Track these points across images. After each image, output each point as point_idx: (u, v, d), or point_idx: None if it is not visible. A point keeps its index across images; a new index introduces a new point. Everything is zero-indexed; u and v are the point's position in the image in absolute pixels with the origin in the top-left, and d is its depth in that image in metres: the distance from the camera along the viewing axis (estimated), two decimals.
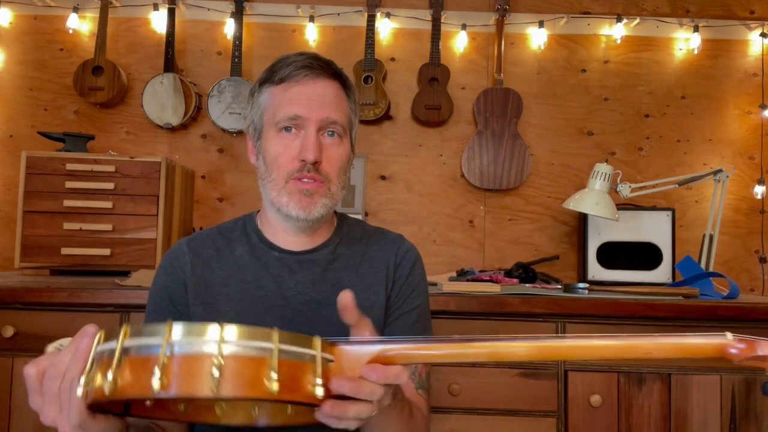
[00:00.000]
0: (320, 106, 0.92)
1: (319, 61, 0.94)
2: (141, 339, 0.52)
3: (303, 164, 0.90)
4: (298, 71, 0.93)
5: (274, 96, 0.94)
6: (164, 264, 1.01)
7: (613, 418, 1.57)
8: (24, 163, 1.84)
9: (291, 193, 0.92)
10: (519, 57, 2.41)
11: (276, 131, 0.93)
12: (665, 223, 2.08)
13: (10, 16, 2.37)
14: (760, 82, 2.38)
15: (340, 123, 0.93)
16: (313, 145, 0.90)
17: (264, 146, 0.95)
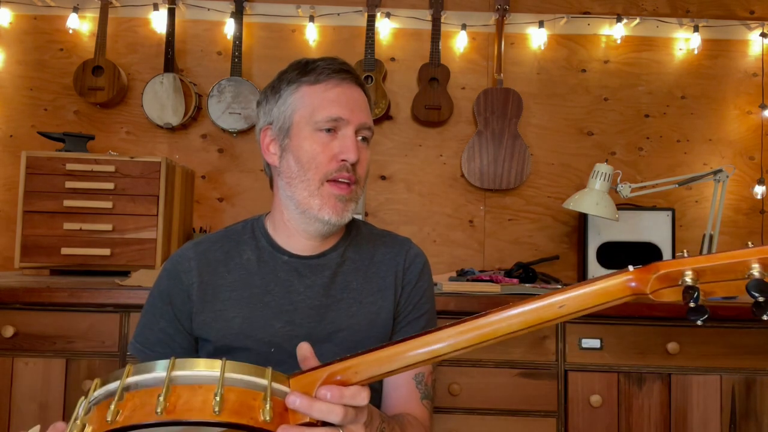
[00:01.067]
0: (359, 110, 0.94)
1: (349, 67, 0.97)
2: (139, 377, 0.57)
3: (342, 164, 0.91)
4: (336, 74, 0.93)
5: (312, 95, 0.93)
6: (168, 268, 1.00)
7: (613, 418, 1.57)
8: (24, 163, 1.84)
9: (325, 197, 0.91)
10: (519, 57, 2.41)
11: (312, 131, 0.92)
12: (665, 223, 2.08)
13: (10, 16, 2.37)
14: (760, 82, 2.38)
15: (371, 129, 0.97)
16: (356, 145, 0.92)
17: (297, 145, 0.92)
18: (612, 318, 1.57)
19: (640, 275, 0.58)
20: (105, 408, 0.55)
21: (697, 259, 0.56)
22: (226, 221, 2.36)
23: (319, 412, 0.61)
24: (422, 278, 1.04)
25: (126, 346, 1.56)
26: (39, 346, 1.55)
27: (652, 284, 0.58)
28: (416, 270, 1.04)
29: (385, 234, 1.09)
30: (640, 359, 1.58)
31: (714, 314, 1.54)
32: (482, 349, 1.57)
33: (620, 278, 0.59)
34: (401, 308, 1.02)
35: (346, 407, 0.62)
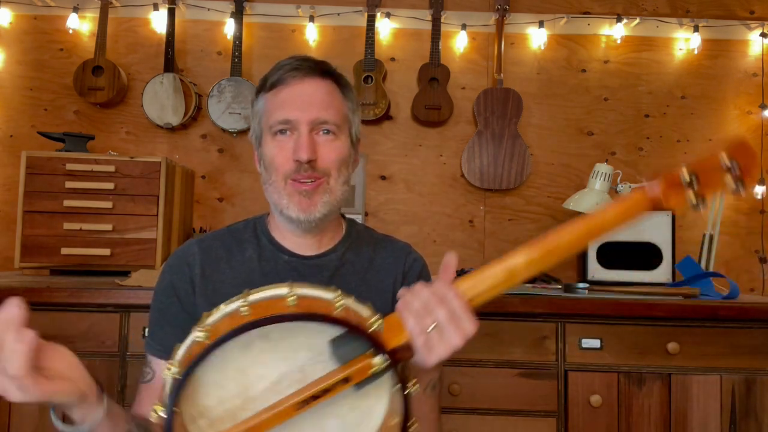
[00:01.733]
0: (309, 107, 0.92)
1: (309, 62, 0.95)
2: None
3: (298, 164, 0.91)
4: (287, 74, 0.94)
5: (267, 102, 0.96)
6: (171, 262, 1.01)
7: (613, 418, 1.57)
8: (24, 163, 1.84)
9: (290, 195, 0.92)
10: (519, 57, 2.41)
11: (271, 136, 0.94)
12: (665, 224, 2.08)
13: (10, 16, 2.37)
14: (760, 82, 2.38)
15: (332, 122, 0.93)
16: (306, 144, 0.91)
17: (263, 152, 0.96)
18: (612, 318, 1.57)
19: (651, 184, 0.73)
20: (236, 315, 0.65)
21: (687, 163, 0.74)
22: (226, 221, 2.36)
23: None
24: (420, 281, 1.04)
25: (126, 346, 1.56)
26: None
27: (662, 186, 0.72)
28: (414, 273, 1.05)
29: (386, 239, 1.09)
30: (640, 359, 1.58)
31: (714, 314, 1.55)
32: (482, 349, 1.57)
33: (638, 191, 0.74)
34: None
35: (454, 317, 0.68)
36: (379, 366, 0.65)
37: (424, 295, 0.70)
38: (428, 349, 0.68)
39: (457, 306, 0.68)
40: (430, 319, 0.68)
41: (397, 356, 0.67)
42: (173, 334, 0.96)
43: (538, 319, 1.58)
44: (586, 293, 1.67)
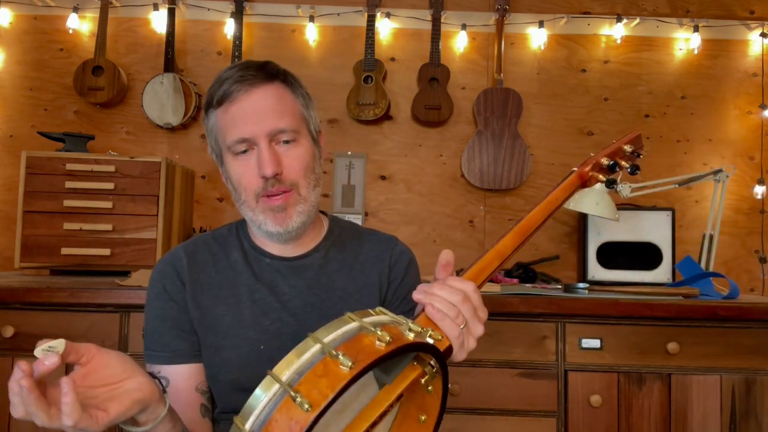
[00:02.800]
0: (264, 119, 0.89)
1: (250, 70, 0.91)
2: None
3: (265, 180, 0.89)
4: (231, 88, 0.90)
5: (219, 119, 0.92)
6: (160, 269, 1.00)
7: (613, 418, 1.57)
8: (24, 163, 1.84)
9: (264, 212, 0.92)
10: (519, 57, 2.41)
11: (233, 156, 0.92)
12: (665, 223, 2.08)
13: (10, 16, 2.37)
14: (760, 82, 2.38)
15: (289, 129, 0.91)
16: (268, 159, 0.88)
17: (227, 171, 0.95)
18: (612, 318, 1.57)
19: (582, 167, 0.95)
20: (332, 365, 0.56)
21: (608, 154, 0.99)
22: (226, 221, 2.34)
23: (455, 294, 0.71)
24: (409, 274, 1.05)
25: (126, 346, 1.56)
26: None
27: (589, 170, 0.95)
28: (402, 266, 1.05)
29: (371, 232, 1.09)
30: (640, 359, 1.58)
31: (714, 314, 1.55)
32: (482, 349, 1.57)
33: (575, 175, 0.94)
34: (388, 304, 1.02)
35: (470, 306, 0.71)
36: (431, 374, 0.64)
37: (446, 295, 0.71)
38: (462, 347, 0.71)
39: (476, 300, 0.72)
40: (461, 318, 0.70)
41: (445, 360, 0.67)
42: (179, 336, 0.96)
43: (538, 319, 1.58)
44: (586, 293, 1.67)
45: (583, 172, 0.94)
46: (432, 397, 0.67)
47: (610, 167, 0.95)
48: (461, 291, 0.71)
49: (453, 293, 0.71)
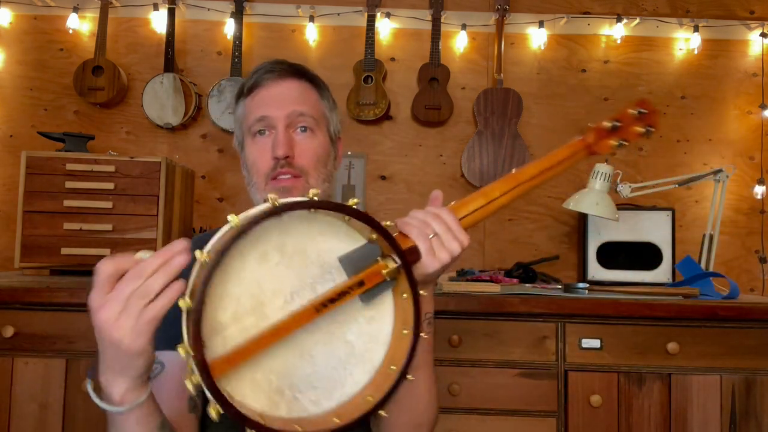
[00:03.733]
0: (285, 103, 0.94)
1: (283, 65, 0.98)
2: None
3: (276, 161, 0.93)
4: (262, 77, 0.97)
5: (246, 106, 0.99)
6: None
7: (613, 418, 1.57)
8: (24, 163, 1.84)
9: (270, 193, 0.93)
10: (519, 57, 2.41)
11: (252, 138, 0.97)
12: (665, 223, 2.08)
13: (10, 16, 2.37)
14: (760, 82, 2.38)
15: (308, 114, 0.95)
16: (282, 141, 0.92)
17: (245, 155, 0.99)
18: (612, 318, 1.57)
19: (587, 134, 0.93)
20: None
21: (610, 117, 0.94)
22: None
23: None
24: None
25: None
26: (39, 346, 1.55)
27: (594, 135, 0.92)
28: None
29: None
30: (640, 359, 1.58)
31: (714, 314, 1.55)
32: (482, 349, 1.57)
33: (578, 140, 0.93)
34: None
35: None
36: (392, 267, 0.69)
37: (420, 214, 0.78)
38: (432, 252, 0.75)
39: (450, 220, 0.78)
40: (430, 228, 0.76)
41: (407, 259, 0.71)
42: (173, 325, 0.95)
43: (538, 319, 1.58)
44: (586, 293, 1.67)
45: (587, 140, 0.93)
46: (407, 303, 0.71)
47: (613, 127, 0.93)
48: (431, 212, 0.78)
49: (423, 212, 0.78)
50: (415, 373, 0.82)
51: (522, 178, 0.86)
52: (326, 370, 0.69)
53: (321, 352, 0.69)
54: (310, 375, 0.68)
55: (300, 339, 0.67)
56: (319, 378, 0.68)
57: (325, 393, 0.68)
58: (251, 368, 0.65)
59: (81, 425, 1.54)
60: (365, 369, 0.70)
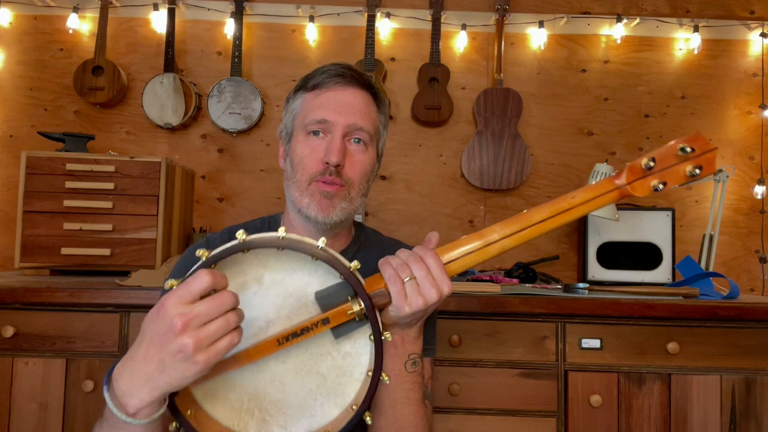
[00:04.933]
0: (348, 112, 0.94)
1: (352, 71, 0.97)
2: None
3: (326, 167, 0.93)
4: (330, 78, 0.96)
5: (306, 101, 0.98)
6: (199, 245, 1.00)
7: (613, 418, 1.57)
8: (24, 163, 1.84)
9: (312, 195, 0.94)
10: (519, 57, 2.41)
11: (305, 134, 0.96)
12: (665, 223, 2.08)
13: (10, 16, 2.37)
14: (760, 82, 2.38)
15: (366, 130, 0.96)
16: (338, 148, 0.92)
17: (292, 148, 0.98)
18: (612, 318, 1.57)
19: (618, 174, 0.79)
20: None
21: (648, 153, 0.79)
22: (226, 221, 2.36)
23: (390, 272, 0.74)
24: None
25: (126, 346, 1.56)
26: (39, 346, 1.55)
27: (626, 176, 0.78)
28: None
29: (393, 243, 1.10)
30: (640, 359, 1.58)
31: (714, 314, 1.55)
32: (482, 349, 1.57)
33: (607, 179, 0.80)
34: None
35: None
36: (357, 309, 0.71)
37: (404, 255, 0.76)
38: (403, 297, 0.74)
39: (433, 264, 0.75)
40: (408, 271, 0.74)
41: (374, 301, 0.72)
42: None
43: (538, 319, 1.58)
44: (586, 293, 1.67)
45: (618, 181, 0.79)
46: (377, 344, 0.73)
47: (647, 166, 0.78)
48: (416, 253, 0.76)
49: (407, 254, 0.76)
50: (392, 412, 0.84)
51: (530, 220, 0.78)
52: (296, 398, 0.73)
53: (291, 380, 0.73)
54: (280, 401, 0.72)
55: (271, 366, 0.72)
56: (288, 405, 0.72)
57: (293, 419, 0.73)
58: (227, 387, 0.71)
59: (81, 425, 1.54)
60: (336, 402, 0.74)
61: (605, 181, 0.79)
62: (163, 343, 0.62)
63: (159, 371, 0.63)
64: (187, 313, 0.62)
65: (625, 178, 0.78)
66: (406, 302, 0.73)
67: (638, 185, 0.78)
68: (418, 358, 0.85)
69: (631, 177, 0.78)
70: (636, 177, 0.78)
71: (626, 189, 0.79)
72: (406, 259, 0.75)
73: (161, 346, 0.62)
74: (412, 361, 0.84)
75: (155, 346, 0.63)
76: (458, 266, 0.78)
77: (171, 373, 0.63)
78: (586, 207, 0.79)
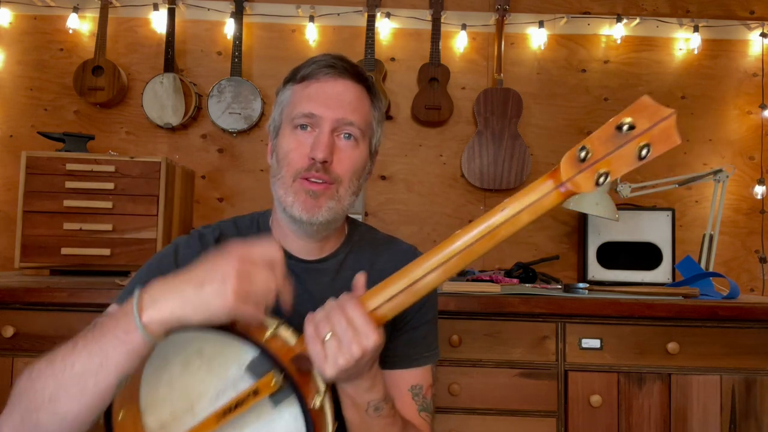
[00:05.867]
0: (337, 106, 0.89)
1: (344, 62, 0.93)
2: None
3: (312, 162, 0.87)
4: (320, 69, 0.91)
5: (295, 93, 0.93)
6: (184, 240, 0.97)
7: (613, 418, 1.57)
8: (24, 163, 1.84)
9: (296, 193, 0.89)
10: (519, 57, 2.41)
11: (291, 128, 0.91)
12: (665, 223, 2.08)
13: (10, 16, 2.37)
14: (760, 82, 2.38)
15: (356, 125, 0.91)
16: (325, 143, 0.87)
17: (278, 143, 0.93)
18: (612, 318, 1.57)
19: (555, 171, 0.65)
20: None
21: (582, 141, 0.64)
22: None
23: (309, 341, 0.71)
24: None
25: None
26: (39, 346, 1.54)
27: (564, 172, 0.64)
28: None
29: (390, 241, 1.06)
30: (640, 359, 1.58)
31: (714, 314, 1.55)
32: (482, 349, 1.57)
33: (541, 180, 0.66)
34: (399, 316, 1.01)
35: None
36: (278, 378, 0.69)
37: (329, 306, 0.72)
38: (323, 358, 0.69)
39: (356, 315, 0.69)
40: (327, 327, 0.69)
41: (298, 366, 0.70)
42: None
43: (538, 319, 1.58)
44: (586, 293, 1.67)
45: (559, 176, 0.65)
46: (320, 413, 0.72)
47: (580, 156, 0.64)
48: (338, 303, 0.71)
49: (332, 306, 0.72)
50: None
51: (457, 247, 0.69)
52: None
53: None
54: None
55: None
56: None
57: None
58: None
59: None
60: None
61: (539, 182, 0.66)
62: (212, 268, 0.67)
63: (195, 290, 0.66)
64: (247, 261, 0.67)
65: (563, 174, 0.64)
66: (326, 363, 0.69)
67: (581, 180, 0.63)
68: (380, 403, 0.80)
69: (569, 172, 0.64)
70: (575, 171, 0.63)
71: (568, 187, 0.64)
72: (328, 313, 0.71)
73: (209, 270, 0.67)
74: (373, 407, 0.80)
75: (203, 270, 0.68)
76: (385, 311, 0.72)
77: (202, 295, 0.66)
78: (524, 216, 0.66)
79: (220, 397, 0.73)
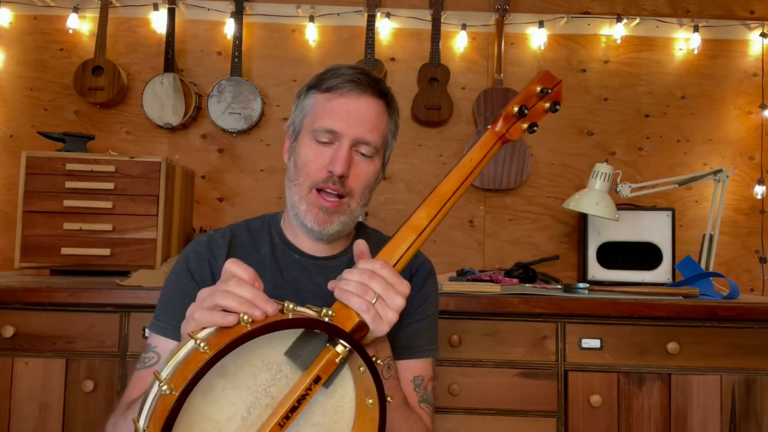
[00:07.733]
0: (358, 124, 0.93)
1: (368, 78, 0.96)
2: None
3: (330, 175, 0.92)
4: (345, 84, 0.94)
5: (318, 103, 0.96)
6: (196, 249, 1.00)
7: (613, 418, 1.57)
8: (24, 163, 1.84)
9: (310, 205, 0.94)
10: (519, 57, 2.41)
11: (311, 138, 0.95)
12: (665, 223, 2.08)
13: (10, 16, 2.37)
14: (760, 82, 2.38)
15: (373, 144, 0.95)
16: (344, 159, 0.91)
17: (297, 149, 0.97)
18: (612, 318, 1.57)
19: (495, 123, 0.89)
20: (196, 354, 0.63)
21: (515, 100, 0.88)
22: (226, 221, 2.36)
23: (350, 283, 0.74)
24: (427, 284, 1.06)
25: (126, 346, 1.56)
26: (39, 346, 1.55)
27: (502, 124, 0.88)
28: (422, 276, 1.06)
29: None
30: (640, 359, 1.58)
31: (714, 314, 1.55)
32: (482, 349, 1.57)
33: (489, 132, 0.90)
34: (404, 310, 1.02)
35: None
36: (343, 353, 0.68)
37: (355, 276, 0.75)
38: (379, 320, 0.73)
39: (387, 274, 0.75)
40: (371, 293, 0.73)
41: (356, 337, 0.71)
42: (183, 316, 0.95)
43: (538, 319, 1.58)
44: (586, 293, 1.67)
45: (497, 130, 0.89)
46: (366, 376, 0.70)
47: (520, 112, 0.87)
48: (367, 270, 0.75)
49: (359, 273, 0.75)
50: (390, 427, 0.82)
51: (445, 195, 0.86)
52: None
53: None
54: None
55: None
56: None
57: None
58: None
59: (81, 425, 1.54)
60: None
61: (489, 134, 0.89)
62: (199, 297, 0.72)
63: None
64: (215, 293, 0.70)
65: (502, 126, 0.88)
66: (382, 323, 0.74)
67: (513, 130, 0.88)
68: (391, 361, 0.86)
69: (506, 124, 0.88)
70: (511, 123, 0.88)
71: (506, 137, 0.88)
72: (362, 280, 0.74)
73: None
74: (386, 366, 0.85)
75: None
76: (403, 262, 0.80)
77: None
78: (483, 162, 0.89)
79: (252, 414, 0.66)
